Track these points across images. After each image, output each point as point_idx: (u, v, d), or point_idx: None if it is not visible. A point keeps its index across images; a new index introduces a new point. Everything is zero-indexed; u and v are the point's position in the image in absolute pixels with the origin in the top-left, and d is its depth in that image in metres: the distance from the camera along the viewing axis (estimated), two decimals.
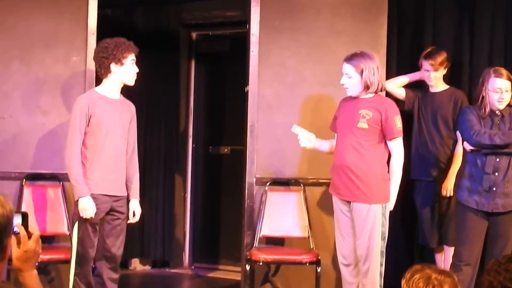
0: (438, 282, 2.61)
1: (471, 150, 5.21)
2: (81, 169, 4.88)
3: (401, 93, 5.99)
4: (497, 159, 5.09)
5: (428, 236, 5.88)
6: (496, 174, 5.09)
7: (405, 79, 6.02)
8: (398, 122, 4.95)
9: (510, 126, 5.14)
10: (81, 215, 4.88)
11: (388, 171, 4.99)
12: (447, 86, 5.94)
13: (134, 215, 5.17)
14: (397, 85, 5.99)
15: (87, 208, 4.86)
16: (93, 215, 4.88)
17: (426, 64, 5.86)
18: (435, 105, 5.87)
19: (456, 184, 5.47)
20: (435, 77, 5.86)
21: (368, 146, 4.93)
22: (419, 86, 6.10)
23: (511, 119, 5.18)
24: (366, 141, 4.93)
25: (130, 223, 5.24)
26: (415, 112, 5.95)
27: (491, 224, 5.16)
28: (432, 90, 5.94)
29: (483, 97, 5.18)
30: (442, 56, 5.85)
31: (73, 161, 4.88)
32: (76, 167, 4.87)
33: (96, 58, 5.05)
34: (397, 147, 4.97)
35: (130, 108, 5.17)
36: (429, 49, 5.94)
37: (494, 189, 5.09)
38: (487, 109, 5.18)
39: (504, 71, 5.25)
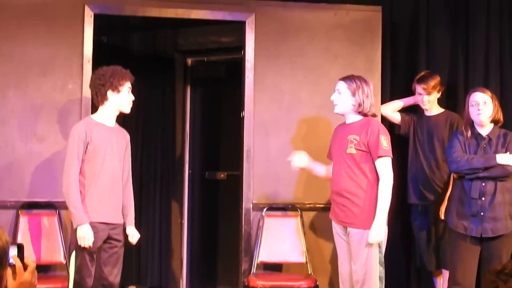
0: None
1: (457, 175, 5.24)
2: (79, 196, 4.86)
3: (396, 117, 6.02)
4: (483, 184, 5.08)
5: (425, 259, 5.88)
6: (483, 198, 5.08)
7: (399, 103, 6.05)
8: (383, 142, 4.85)
9: (496, 150, 5.12)
10: (79, 243, 4.85)
11: None
12: (442, 110, 5.97)
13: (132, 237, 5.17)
14: (392, 110, 6.02)
15: (86, 237, 4.83)
16: (91, 244, 4.86)
17: (419, 88, 5.90)
18: (431, 129, 5.88)
19: (446, 208, 5.48)
20: (428, 101, 5.89)
21: (360, 171, 4.89)
22: (415, 111, 6.11)
23: (500, 142, 5.16)
24: (357, 166, 4.89)
25: (128, 244, 5.24)
26: (411, 136, 5.96)
27: (484, 247, 5.15)
28: (427, 113, 5.96)
29: (467, 118, 5.24)
30: (435, 80, 5.88)
31: (71, 188, 4.86)
32: (74, 194, 4.85)
33: (92, 85, 5.05)
34: (383, 167, 4.87)
35: (125, 136, 5.18)
36: (422, 73, 5.98)
37: (482, 213, 5.08)
38: (473, 130, 5.21)
39: (483, 88, 5.34)
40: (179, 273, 7.42)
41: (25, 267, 2.52)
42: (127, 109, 5.07)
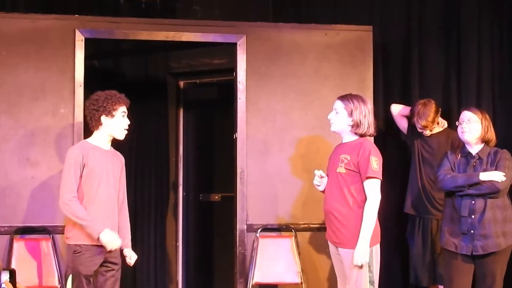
0: None
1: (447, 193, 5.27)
2: (84, 209, 4.85)
3: (403, 124, 6.10)
4: (473, 202, 5.10)
5: (420, 274, 5.87)
6: (473, 216, 5.09)
7: (406, 110, 6.09)
8: (374, 163, 4.80)
9: (486, 168, 5.14)
10: (108, 249, 4.87)
11: None
12: (441, 128, 6.04)
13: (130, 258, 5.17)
14: (401, 112, 6.06)
15: (112, 240, 4.86)
16: (118, 245, 4.88)
17: (418, 125, 5.96)
18: (434, 146, 5.92)
19: (439, 227, 5.49)
20: (430, 131, 5.97)
21: (348, 191, 4.84)
22: None
23: (490, 160, 5.18)
24: (346, 185, 4.85)
25: (128, 267, 5.25)
26: (416, 150, 5.98)
27: (477, 265, 5.15)
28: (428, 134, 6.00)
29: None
30: (432, 114, 5.89)
31: (74, 205, 4.83)
32: (79, 209, 4.83)
33: (87, 110, 5.04)
34: (371, 188, 4.81)
35: (120, 159, 5.18)
36: (419, 107, 5.94)
37: (472, 231, 5.08)
38: (464, 149, 5.25)
39: (474, 107, 5.36)
40: None
41: None
42: (121, 135, 5.06)
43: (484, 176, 5.06)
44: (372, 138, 5.16)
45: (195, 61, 7.36)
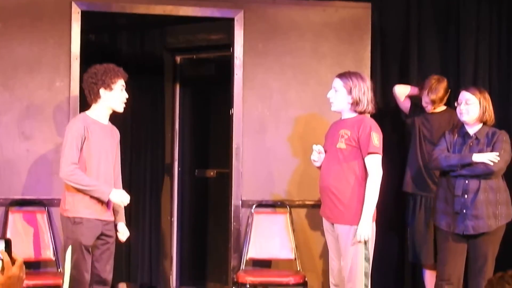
0: None
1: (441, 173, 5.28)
2: (87, 176, 4.87)
3: (405, 105, 6.06)
4: (466, 181, 5.11)
5: (420, 252, 5.86)
6: (466, 196, 5.11)
7: (408, 89, 6.07)
8: (375, 139, 4.83)
9: (482, 149, 5.14)
10: (123, 205, 4.98)
11: None
12: (444, 107, 5.99)
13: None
14: (404, 93, 6.03)
15: (121, 199, 4.93)
16: (128, 199, 4.95)
17: (426, 98, 5.91)
18: (434, 125, 5.88)
19: (433, 207, 5.49)
20: (433, 108, 5.93)
21: (348, 167, 4.87)
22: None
23: (487, 140, 5.18)
24: (346, 162, 4.87)
25: (120, 243, 5.26)
26: (416, 128, 5.94)
27: (470, 245, 5.18)
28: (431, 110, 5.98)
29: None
30: (442, 91, 5.86)
31: (77, 173, 4.84)
32: (83, 177, 4.85)
33: (85, 83, 5.04)
34: (373, 164, 4.84)
35: (116, 134, 5.18)
36: (432, 81, 5.91)
37: (465, 211, 5.10)
38: (462, 129, 5.26)
39: (473, 87, 5.35)
40: (169, 270, 7.42)
41: (13, 261, 2.52)
42: (119, 108, 5.07)
43: (477, 157, 5.07)
44: (370, 115, 5.17)
45: (192, 36, 7.33)
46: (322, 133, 5.32)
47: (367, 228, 4.80)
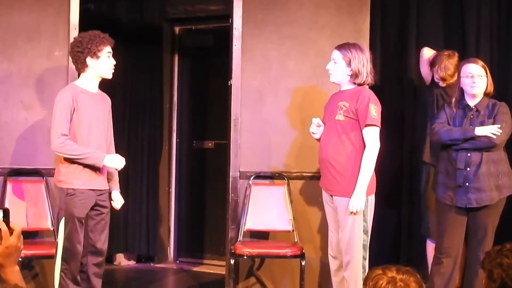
0: (405, 284, 2.53)
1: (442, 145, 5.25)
2: (78, 145, 4.86)
3: (427, 76, 5.95)
4: (468, 154, 5.09)
5: (429, 222, 5.81)
6: (468, 169, 5.09)
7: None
8: (373, 111, 4.81)
9: (483, 121, 5.13)
10: (119, 169, 4.99)
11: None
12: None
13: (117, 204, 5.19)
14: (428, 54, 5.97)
15: (116, 160, 4.93)
16: (124, 163, 4.95)
17: (436, 75, 5.82)
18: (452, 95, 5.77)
19: (434, 180, 5.48)
20: (444, 83, 5.81)
21: (347, 139, 4.87)
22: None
23: (488, 112, 5.17)
24: (344, 133, 4.87)
25: (115, 212, 5.27)
26: (434, 98, 5.81)
27: (470, 218, 5.18)
28: (443, 84, 5.88)
29: (458, 88, 5.23)
30: (452, 68, 5.76)
31: (67, 143, 4.81)
32: (76, 146, 4.84)
33: (72, 53, 5.00)
34: (370, 136, 4.83)
35: (108, 101, 5.15)
36: (443, 58, 5.81)
37: (467, 184, 5.09)
38: (462, 101, 5.21)
39: (477, 59, 5.30)
40: (166, 241, 7.46)
41: (10, 231, 2.52)
42: (108, 75, 5.03)
43: (479, 130, 5.05)
44: (369, 87, 5.15)
45: (191, 7, 7.30)
46: (321, 104, 5.31)
47: (360, 199, 4.80)
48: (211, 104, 7.49)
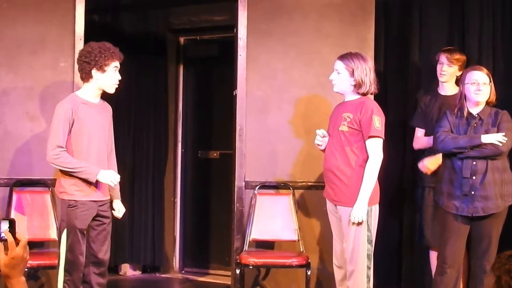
0: None
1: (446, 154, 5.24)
2: (73, 158, 4.85)
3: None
4: (474, 163, 5.07)
5: (428, 233, 5.79)
6: (474, 177, 5.07)
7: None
8: (376, 122, 4.82)
9: (488, 129, 5.13)
10: (113, 185, 4.92)
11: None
12: (456, 90, 5.70)
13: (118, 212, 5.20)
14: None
15: (110, 176, 4.87)
16: (119, 178, 4.91)
17: (442, 57, 5.77)
18: (444, 108, 5.73)
19: (436, 189, 5.45)
20: (447, 72, 5.75)
21: (350, 150, 4.86)
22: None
23: (491, 120, 5.15)
24: (348, 144, 4.87)
25: (118, 220, 5.28)
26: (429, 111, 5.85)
27: (474, 227, 5.15)
28: (443, 92, 5.85)
29: (461, 95, 5.21)
30: (459, 55, 5.75)
31: (63, 157, 4.81)
32: (70, 159, 4.82)
33: (79, 61, 4.98)
34: (373, 147, 4.83)
35: (109, 110, 5.13)
36: (451, 47, 5.86)
37: (473, 192, 5.07)
38: (466, 109, 5.18)
39: (482, 67, 5.28)
40: (171, 251, 7.45)
41: (17, 242, 2.53)
42: (111, 90, 5.00)
43: (486, 138, 5.04)
44: (373, 96, 5.16)
45: (196, 17, 7.32)
46: (325, 114, 5.32)
47: (362, 209, 4.79)
48: (216, 114, 7.50)
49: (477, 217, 5.11)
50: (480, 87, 5.12)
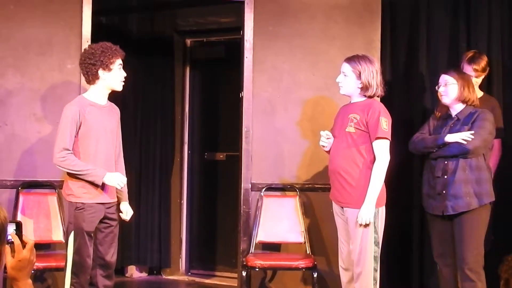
0: None
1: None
2: (79, 161, 4.85)
3: None
4: (446, 162, 5.12)
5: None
6: (445, 176, 5.11)
7: None
8: (383, 124, 4.82)
9: (461, 128, 5.10)
10: (119, 187, 4.91)
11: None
12: (482, 93, 5.70)
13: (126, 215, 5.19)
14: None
15: (117, 178, 4.86)
16: (125, 180, 4.91)
17: (469, 69, 5.61)
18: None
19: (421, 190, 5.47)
20: (476, 83, 5.59)
21: (357, 151, 4.87)
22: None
23: (465, 120, 5.15)
24: (355, 145, 4.87)
25: (125, 223, 5.28)
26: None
27: (454, 225, 5.15)
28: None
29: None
30: (484, 61, 5.65)
31: (70, 159, 4.81)
32: (77, 162, 4.82)
33: (83, 64, 4.96)
34: (380, 149, 4.83)
35: (117, 112, 5.13)
36: (471, 53, 5.72)
37: (444, 192, 5.11)
38: (446, 111, 5.26)
39: (450, 69, 5.35)
40: (178, 253, 7.45)
41: (23, 244, 2.53)
42: (119, 87, 5.01)
43: (450, 137, 5.07)
44: (379, 98, 5.15)
45: (202, 19, 7.33)
46: (331, 115, 5.31)
47: (369, 211, 4.80)
48: (223, 116, 7.50)
49: (455, 215, 5.11)
50: (440, 89, 5.21)
